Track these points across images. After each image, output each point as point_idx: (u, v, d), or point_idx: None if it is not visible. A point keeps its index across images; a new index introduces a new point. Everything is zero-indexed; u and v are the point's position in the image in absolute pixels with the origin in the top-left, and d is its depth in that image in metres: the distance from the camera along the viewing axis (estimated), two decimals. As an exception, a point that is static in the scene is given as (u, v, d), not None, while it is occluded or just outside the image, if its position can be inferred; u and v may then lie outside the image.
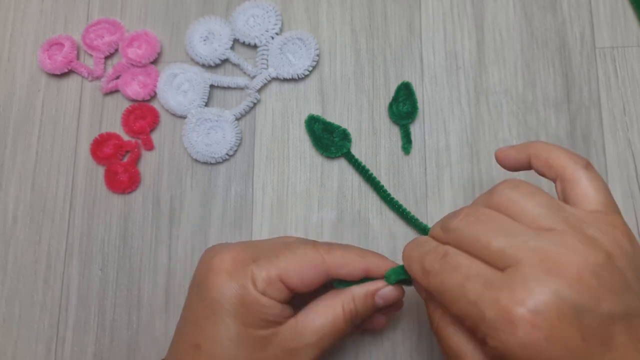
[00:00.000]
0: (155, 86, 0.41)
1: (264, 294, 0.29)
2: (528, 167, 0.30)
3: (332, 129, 0.40)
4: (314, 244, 0.31)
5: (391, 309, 0.33)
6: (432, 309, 0.28)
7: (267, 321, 0.29)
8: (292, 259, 0.30)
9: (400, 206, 0.38)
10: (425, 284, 0.27)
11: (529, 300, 0.23)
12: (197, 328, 0.29)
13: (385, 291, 0.31)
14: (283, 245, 0.31)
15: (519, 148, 0.30)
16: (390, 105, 0.40)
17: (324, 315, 0.30)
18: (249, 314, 0.29)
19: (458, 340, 0.27)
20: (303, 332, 0.29)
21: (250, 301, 0.28)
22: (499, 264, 0.24)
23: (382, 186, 0.39)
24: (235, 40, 0.42)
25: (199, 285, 0.30)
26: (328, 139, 0.40)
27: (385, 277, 0.31)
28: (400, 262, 0.30)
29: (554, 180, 0.29)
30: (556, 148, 0.29)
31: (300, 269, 0.29)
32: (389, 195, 0.39)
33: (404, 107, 0.40)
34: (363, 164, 0.39)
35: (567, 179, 0.28)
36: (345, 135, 0.40)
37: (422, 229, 0.38)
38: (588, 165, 0.28)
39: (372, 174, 0.39)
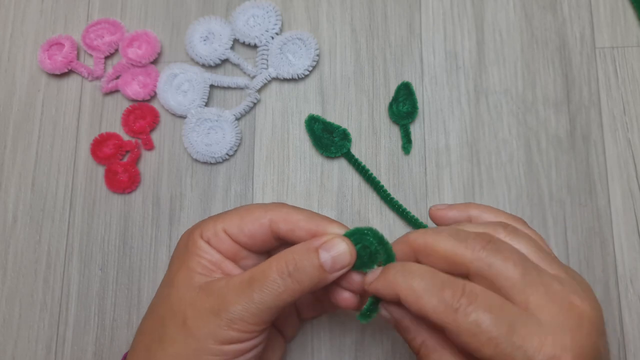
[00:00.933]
0: (155, 86, 0.41)
1: (208, 242, 0.30)
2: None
3: (332, 128, 0.40)
4: (265, 204, 0.32)
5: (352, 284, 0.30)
6: (413, 333, 0.28)
7: (206, 268, 0.30)
8: (235, 214, 0.31)
9: (400, 206, 0.38)
10: (444, 319, 0.26)
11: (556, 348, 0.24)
12: (161, 282, 0.32)
13: (331, 245, 0.28)
14: (236, 207, 0.32)
15: (460, 208, 0.32)
16: (390, 105, 0.40)
17: (258, 268, 0.29)
18: (190, 258, 0.30)
19: (447, 356, 0.27)
20: (231, 282, 0.28)
21: (191, 245, 0.30)
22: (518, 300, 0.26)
23: (382, 186, 0.39)
24: (235, 40, 0.42)
25: None
26: (328, 138, 0.40)
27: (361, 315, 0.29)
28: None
29: None
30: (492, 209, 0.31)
31: (241, 220, 0.30)
32: (389, 195, 0.39)
33: (404, 107, 0.40)
34: (363, 164, 0.39)
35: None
36: (345, 135, 0.40)
37: (419, 227, 0.38)
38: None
39: (372, 174, 0.39)
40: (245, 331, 0.28)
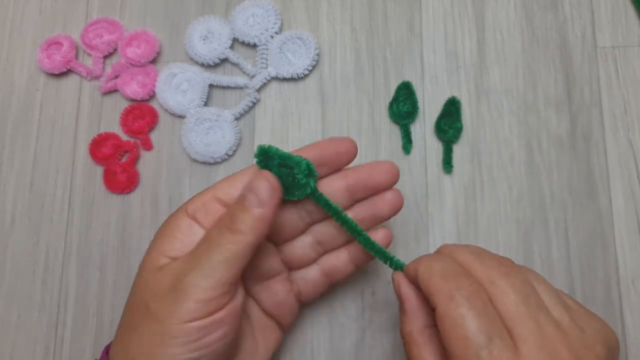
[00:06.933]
0: (154, 86, 0.41)
1: (194, 217, 0.29)
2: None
3: (292, 163, 0.30)
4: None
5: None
6: (410, 319, 0.29)
7: (179, 249, 0.29)
8: (224, 179, 0.31)
9: (381, 250, 0.32)
10: (440, 299, 0.26)
11: None
12: None
13: (252, 185, 0.29)
14: None
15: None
16: (391, 105, 0.40)
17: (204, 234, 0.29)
18: (164, 240, 0.29)
19: (425, 352, 0.28)
20: (184, 256, 0.28)
21: (172, 224, 0.30)
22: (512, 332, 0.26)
23: (360, 230, 0.32)
24: (235, 40, 0.42)
25: None
26: (288, 176, 0.30)
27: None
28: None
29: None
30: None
31: (230, 177, 0.30)
32: (368, 239, 0.32)
33: (404, 106, 0.40)
34: (334, 204, 0.31)
35: None
36: (309, 171, 0.30)
37: (400, 267, 0.32)
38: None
39: (345, 215, 0.32)
40: (204, 299, 0.27)
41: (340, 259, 0.33)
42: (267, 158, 0.30)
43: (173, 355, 0.26)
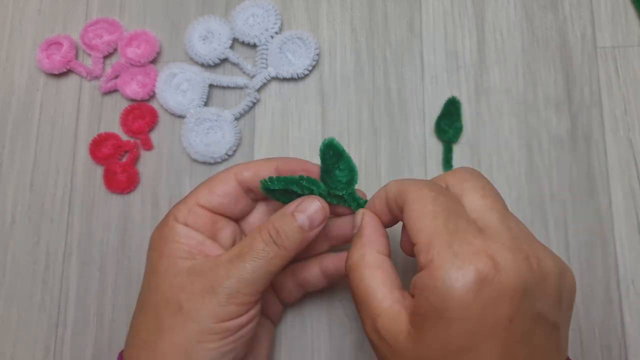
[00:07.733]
0: (154, 86, 0.41)
1: (185, 224, 0.31)
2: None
3: (298, 189, 0.31)
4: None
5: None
6: (365, 244, 0.29)
7: (188, 252, 0.30)
8: (203, 185, 0.32)
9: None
10: (413, 194, 0.28)
11: (495, 259, 0.24)
12: (143, 277, 0.32)
13: (305, 206, 0.30)
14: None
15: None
16: (323, 179, 0.32)
17: (244, 242, 0.30)
18: (169, 245, 0.30)
19: (373, 281, 0.27)
20: (220, 260, 0.29)
21: (168, 232, 0.31)
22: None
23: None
24: (235, 40, 0.42)
25: None
26: (292, 198, 0.31)
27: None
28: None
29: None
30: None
31: (209, 185, 0.32)
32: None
33: (341, 174, 0.32)
34: (362, 199, 0.32)
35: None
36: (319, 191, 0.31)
37: None
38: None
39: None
40: (243, 303, 0.29)
41: (313, 273, 0.35)
42: (270, 191, 0.31)
43: (210, 349, 0.28)
